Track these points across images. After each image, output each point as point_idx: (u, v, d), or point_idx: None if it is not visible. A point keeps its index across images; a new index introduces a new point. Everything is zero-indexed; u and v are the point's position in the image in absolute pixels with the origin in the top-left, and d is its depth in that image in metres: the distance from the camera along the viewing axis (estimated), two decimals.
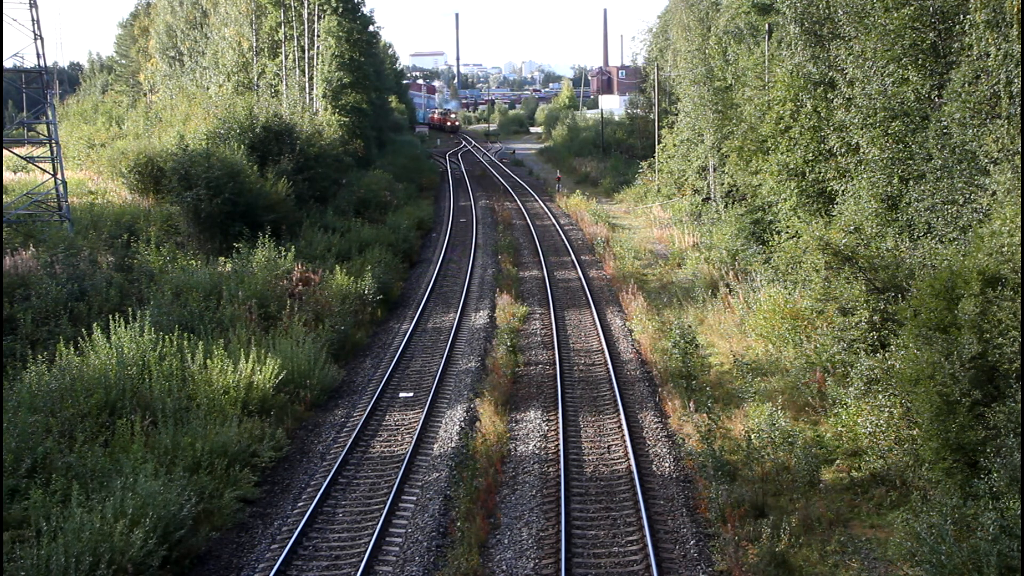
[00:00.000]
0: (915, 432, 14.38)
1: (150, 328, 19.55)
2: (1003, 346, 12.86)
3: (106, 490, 13.85)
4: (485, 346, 24.52)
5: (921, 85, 20.00)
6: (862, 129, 21.64)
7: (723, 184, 37.36)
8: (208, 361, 19.11)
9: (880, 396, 15.44)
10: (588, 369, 22.91)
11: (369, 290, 28.00)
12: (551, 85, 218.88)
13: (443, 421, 19.36)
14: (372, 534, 14.33)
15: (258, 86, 58.05)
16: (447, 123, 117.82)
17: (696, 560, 13.49)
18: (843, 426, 16.46)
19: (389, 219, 40.57)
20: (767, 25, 32.45)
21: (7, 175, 42.63)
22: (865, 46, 21.28)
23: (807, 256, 20.79)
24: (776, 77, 28.31)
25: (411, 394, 21.18)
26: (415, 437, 18.21)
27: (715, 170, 38.90)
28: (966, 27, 18.09)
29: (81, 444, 15.37)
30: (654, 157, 52.04)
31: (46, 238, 28.65)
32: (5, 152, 36.06)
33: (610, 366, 22.48)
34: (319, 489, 15.95)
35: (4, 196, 33.85)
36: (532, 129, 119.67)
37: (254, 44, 59.24)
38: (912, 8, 19.81)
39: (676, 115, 46.32)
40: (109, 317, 19.71)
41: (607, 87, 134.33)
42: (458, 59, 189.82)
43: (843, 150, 23.47)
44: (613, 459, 17.33)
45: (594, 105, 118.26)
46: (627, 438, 17.85)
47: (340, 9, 53.08)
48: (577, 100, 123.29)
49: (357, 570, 13.28)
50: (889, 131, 20.63)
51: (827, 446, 16.53)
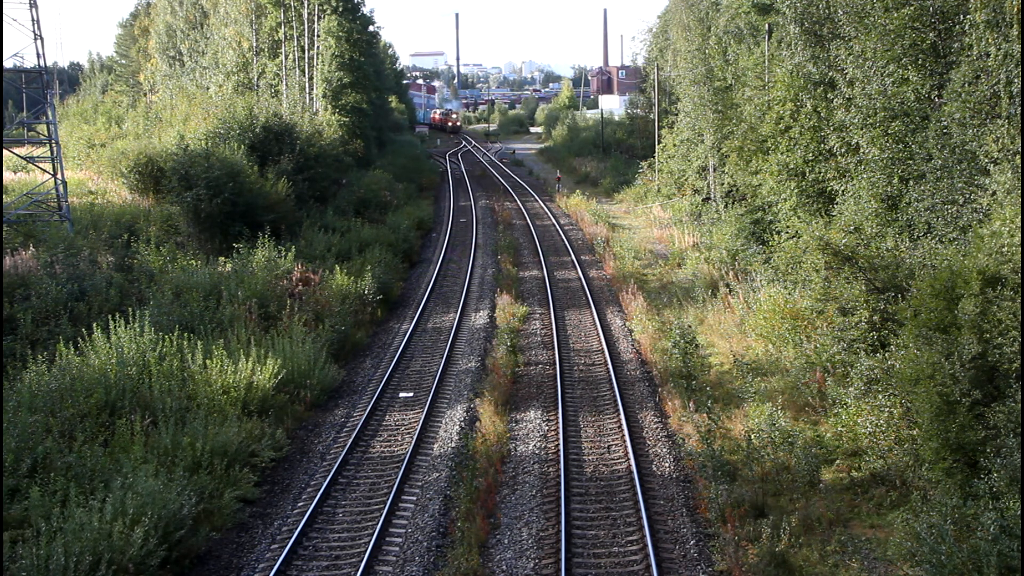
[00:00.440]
0: (915, 432, 14.38)
1: (150, 328, 19.56)
2: (1003, 346, 12.87)
3: (106, 490, 13.85)
4: (485, 346, 24.52)
5: (921, 85, 20.00)
6: (862, 129, 21.64)
7: (723, 184, 37.35)
8: (208, 361, 19.10)
9: (880, 396, 15.43)
10: (588, 369, 22.91)
11: (369, 290, 28.00)
12: (551, 85, 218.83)
13: (443, 421, 19.36)
14: (372, 534, 14.33)
15: (258, 86, 58.05)
16: (448, 123, 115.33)
17: (696, 560, 13.49)
18: (843, 426, 16.45)
19: (389, 219, 40.55)
20: (767, 25, 32.47)
21: (7, 175, 42.61)
22: (865, 46, 21.28)
23: (807, 256, 20.78)
24: (776, 77, 28.33)
25: (411, 394, 21.18)
26: (415, 437, 18.21)
27: (715, 170, 38.90)
28: (966, 27, 18.09)
29: (81, 444, 15.36)
30: (654, 157, 52.03)
31: (46, 238, 28.64)
32: (5, 152, 36.06)
33: (610, 366, 22.48)
34: (319, 489, 15.95)
35: (4, 196, 33.85)
36: (532, 129, 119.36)
37: (254, 44, 59.23)
38: (912, 8, 19.82)
39: (676, 115, 46.31)
40: (109, 317, 19.69)
41: (607, 87, 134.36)
42: (458, 59, 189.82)
43: (843, 150, 23.47)
44: (613, 459, 17.33)
45: (594, 105, 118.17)
46: (627, 438, 17.85)
47: (340, 9, 53.10)
48: (577, 100, 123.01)
49: (357, 570, 13.28)
50: (889, 131, 20.63)
51: (827, 446, 16.52)
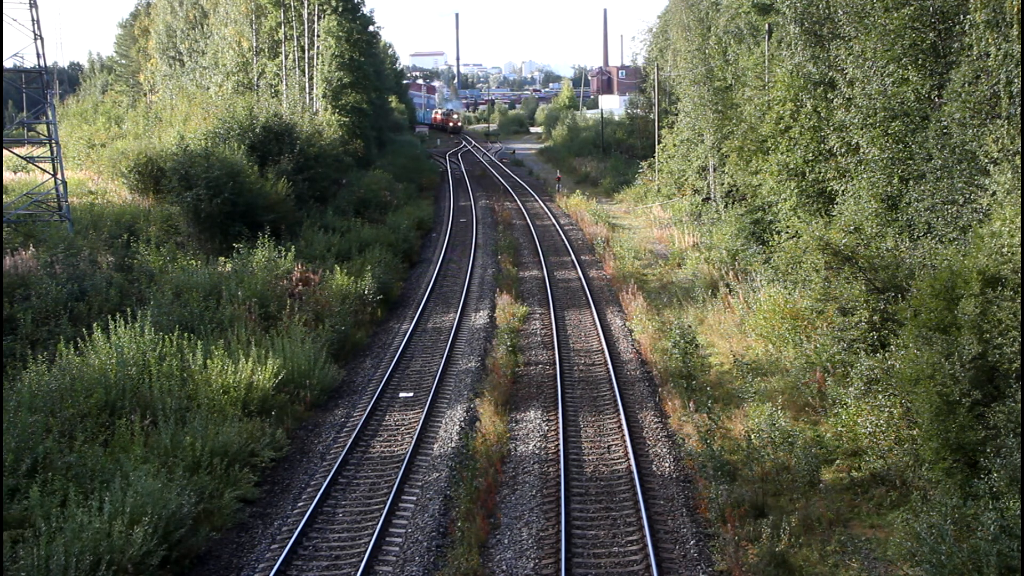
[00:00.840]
0: (915, 432, 14.38)
1: (150, 328, 19.56)
2: (1003, 346, 12.87)
3: (106, 490, 13.85)
4: (485, 346, 24.52)
5: (921, 85, 20.00)
6: (862, 129, 21.64)
7: (723, 184, 37.35)
8: (208, 361, 19.11)
9: (880, 396, 15.43)
10: (588, 369, 22.91)
11: (369, 290, 28.00)
12: (551, 85, 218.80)
13: (443, 421, 19.36)
14: (372, 534, 14.33)
15: (258, 86, 58.06)
16: (449, 123, 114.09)
17: (696, 560, 13.49)
18: (843, 426, 16.44)
19: (389, 219, 40.56)
20: (767, 25, 32.47)
21: (7, 175, 42.60)
22: (865, 46, 21.28)
23: (807, 256, 20.78)
24: (776, 77, 28.33)
25: (411, 394, 21.18)
26: (415, 437, 18.21)
27: (715, 170, 38.90)
28: (966, 27, 18.10)
29: (81, 444, 15.37)
30: (654, 157, 52.02)
31: (46, 238, 28.63)
32: (5, 152, 36.06)
33: (610, 366, 22.47)
34: (319, 489, 15.95)
35: (4, 196, 33.84)
36: (532, 129, 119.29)
37: (254, 44, 59.23)
38: (912, 8, 19.82)
39: (676, 115, 46.31)
40: (109, 317, 19.70)
41: (607, 87, 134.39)
42: (458, 59, 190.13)
43: (843, 150, 23.47)
44: (613, 459, 17.33)
45: (594, 105, 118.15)
46: (627, 438, 17.85)
47: (340, 9, 53.11)
48: (577, 100, 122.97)
49: (357, 570, 13.28)
50: (889, 131, 20.63)
51: (827, 446, 16.51)
